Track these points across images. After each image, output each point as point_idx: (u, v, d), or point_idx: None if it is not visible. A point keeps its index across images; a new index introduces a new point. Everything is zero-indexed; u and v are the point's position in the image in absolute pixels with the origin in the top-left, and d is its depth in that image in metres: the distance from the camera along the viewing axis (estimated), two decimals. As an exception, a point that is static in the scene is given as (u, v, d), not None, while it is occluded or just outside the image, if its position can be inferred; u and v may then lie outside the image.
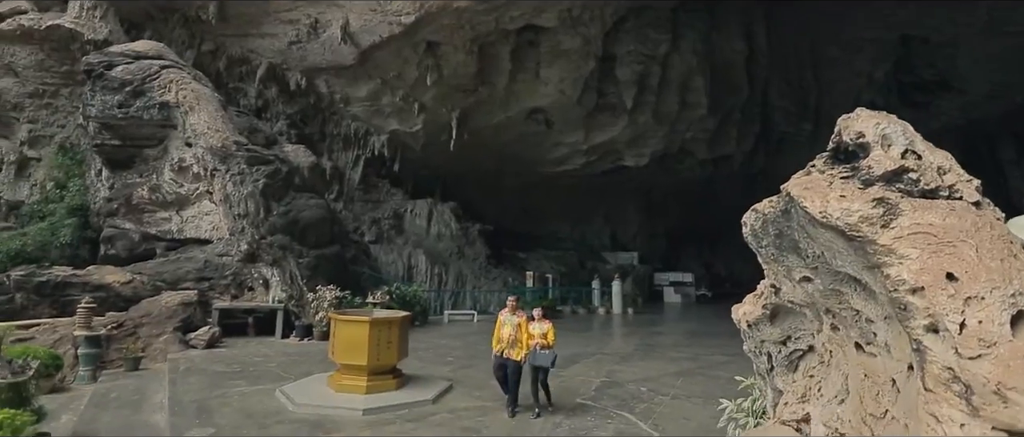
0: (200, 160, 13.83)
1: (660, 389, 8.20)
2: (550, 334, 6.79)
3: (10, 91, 19.49)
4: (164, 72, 15.22)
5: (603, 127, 24.39)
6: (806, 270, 3.10)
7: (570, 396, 7.70)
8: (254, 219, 12.76)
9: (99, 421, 6.41)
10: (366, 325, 7.21)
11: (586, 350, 11.74)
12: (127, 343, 9.25)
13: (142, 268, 12.37)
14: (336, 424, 6.18)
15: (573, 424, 6.43)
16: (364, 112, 22.80)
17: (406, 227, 21.72)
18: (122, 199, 14.42)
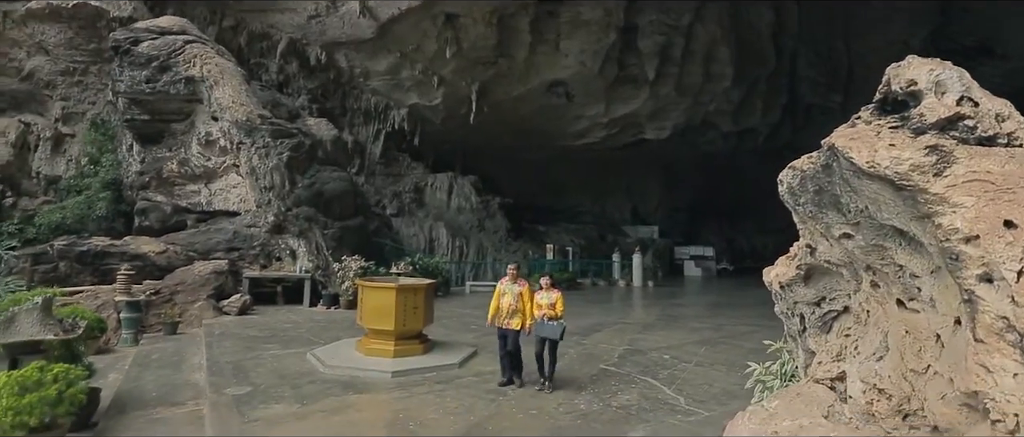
0: (226, 134, 14.04)
1: (683, 356, 8.22)
2: (559, 304, 6.34)
3: (42, 69, 19.90)
4: (188, 47, 15.37)
5: (624, 99, 23.98)
6: (847, 226, 3.04)
7: (593, 362, 7.78)
8: (280, 191, 12.98)
9: (143, 379, 6.72)
10: (393, 291, 7.34)
11: (608, 319, 11.80)
12: (165, 309, 9.61)
13: (175, 239, 12.75)
14: (366, 385, 6.37)
15: (597, 389, 6.51)
16: (384, 86, 22.78)
17: (427, 200, 21.87)
18: (153, 173, 14.79)
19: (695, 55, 22.34)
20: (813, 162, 3.23)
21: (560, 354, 6.79)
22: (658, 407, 5.87)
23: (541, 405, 5.84)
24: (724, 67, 22.71)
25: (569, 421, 5.35)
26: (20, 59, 19.67)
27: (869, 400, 2.93)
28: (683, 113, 24.55)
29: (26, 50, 19.66)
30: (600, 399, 6.09)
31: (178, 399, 6.02)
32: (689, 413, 5.72)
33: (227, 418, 5.15)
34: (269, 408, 5.46)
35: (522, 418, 5.42)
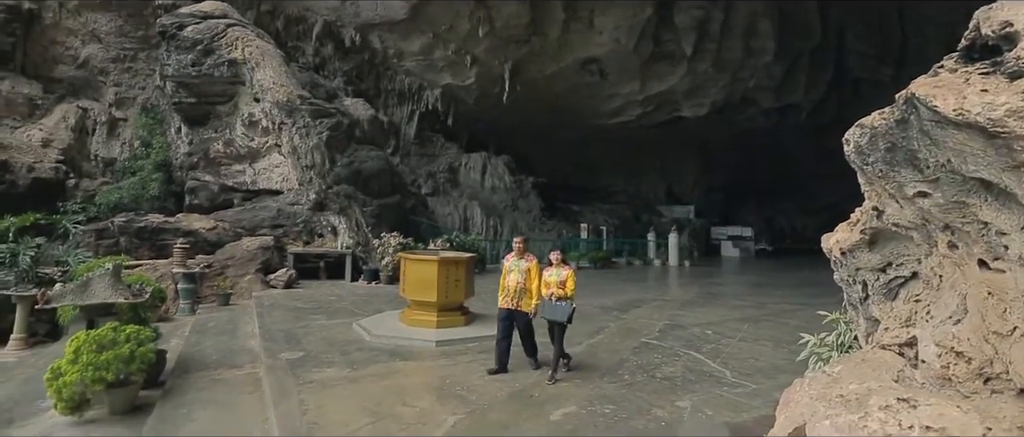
0: (268, 114, 14.42)
1: (726, 332, 8.09)
2: (569, 282, 5.72)
3: (96, 56, 20.78)
4: (230, 30, 15.78)
5: (660, 76, 23.39)
6: (923, 184, 2.89)
7: (634, 336, 7.74)
8: (320, 170, 13.29)
9: (202, 344, 7.07)
10: (435, 264, 7.45)
11: (646, 296, 11.70)
12: (217, 281, 10.04)
13: (223, 216, 13.26)
14: (411, 353, 6.52)
15: (640, 360, 6.49)
16: (417, 66, 22.87)
17: (461, 180, 22.01)
18: (201, 153, 15.36)
19: (734, 29, 21.54)
20: (885, 118, 3.08)
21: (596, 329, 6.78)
22: (703, 379, 5.82)
23: (586, 374, 5.87)
24: (765, 41, 21.83)
25: (614, 390, 5.36)
26: (76, 47, 20.58)
27: (945, 364, 2.81)
28: (721, 90, 23.80)
29: (81, 39, 20.54)
30: (643, 371, 6.07)
31: (236, 362, 6.32)
32: (736, 385, 5.64)
33: (283, 379, 5.38)
34: (322, 371, 5.66)
35: (566, 385, 5.46)
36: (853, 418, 2.58)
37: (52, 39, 20.32)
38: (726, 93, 23.86)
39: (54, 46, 20.37)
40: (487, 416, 4.61)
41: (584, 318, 9.05)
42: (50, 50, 20.39)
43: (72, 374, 4.55)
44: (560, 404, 4.92)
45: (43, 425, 4.71)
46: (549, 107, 24.78)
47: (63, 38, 20.39)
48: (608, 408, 4.86)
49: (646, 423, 4.57)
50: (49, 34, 20.27)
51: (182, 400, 5.11)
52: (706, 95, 24.02)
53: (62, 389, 4.56)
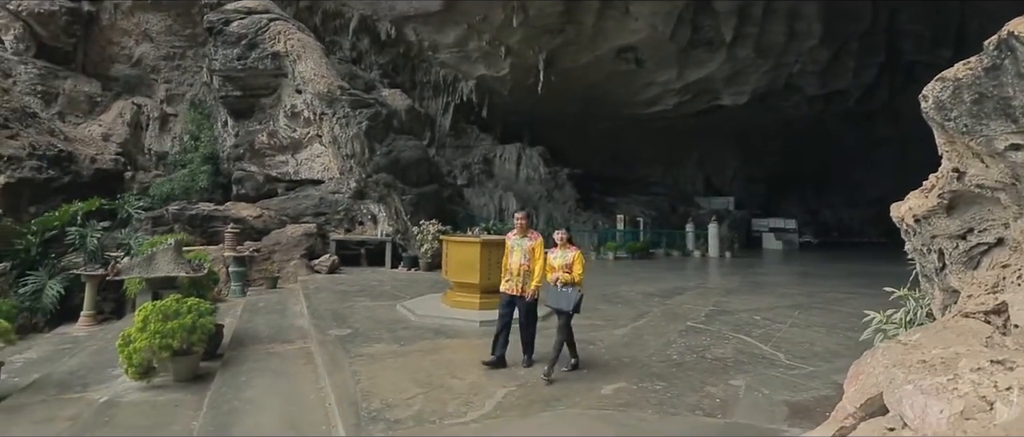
0: (309, 105, 14.77)
1: (776, 318, 7.83)
2: (577, 265, 5.04)
3: (148, 55, 21.75)
4: (272, 25, 16.22)
5: (698, 64, 22.80)
6: (1017, 135, 2.70)
7: (680, 320, 7.58)
8: (360, 159, 13.54)
9: (255, 321, 7.31)
10: (478, 246, 7.48)
11: (687, 285, 11.46)
12: (265, 266, 10.38)
13: (268, 204, 13.68)
14: (456, 332, 6.57)
15: (687, 342, 6.35)
16: (452, 58, 22.99)
17: (496, 171, 22.05)
18: (246, 145, 15.88)
19: (777, 13, 20.74)
20: (971, 68, 2.89)
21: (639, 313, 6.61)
22: (755, 361, 5.64)
23: (634, 353, 5.78)
24: (811, 24, 20.96)
25: (663, 369, 5.26)
26: (130, 47, 21.59)
27: (1042, 327, 2.62)
28: (763, 76, 23.01)
29: (134, 38, 21.53)
30: (692, 352, 5.93)
31: (288, 338, 6.51)
32: (791, 367, 5.44)
33: (335, 352, 5.50)
34: (371, 347, 5.77)
35: (614, 364, 5.39)
36: (941, 380, 2.43)
37: (109, 39, 21.38)
38: (768, 80, 23.06)
39: (110, 46, 21.43)
40: (537, 390, 4.59)
41: (626, 303, 8.95)
42: (107, 50, 21.47)
43: (141, 341, 4.77)
44: (610, 380, 4.86)
45: (116, 389, 4.96)
46: (584, 97, 24.53)
47: (118, 38, 21.42)
48: (659, 385, 4.78)
49: (699, 399, 4.46)
50: (106, 35, 21.33)
51: (240, 370, 5.30)
52: (747, 82, 23.27)
53: (132, 355, 4.78)
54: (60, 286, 7.89)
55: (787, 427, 3.99)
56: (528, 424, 3.88)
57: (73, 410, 4.53)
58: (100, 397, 4.80)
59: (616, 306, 8.65)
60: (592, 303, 8.88)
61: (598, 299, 9.29)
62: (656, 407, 4.25)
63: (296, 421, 4.11)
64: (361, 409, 4.01)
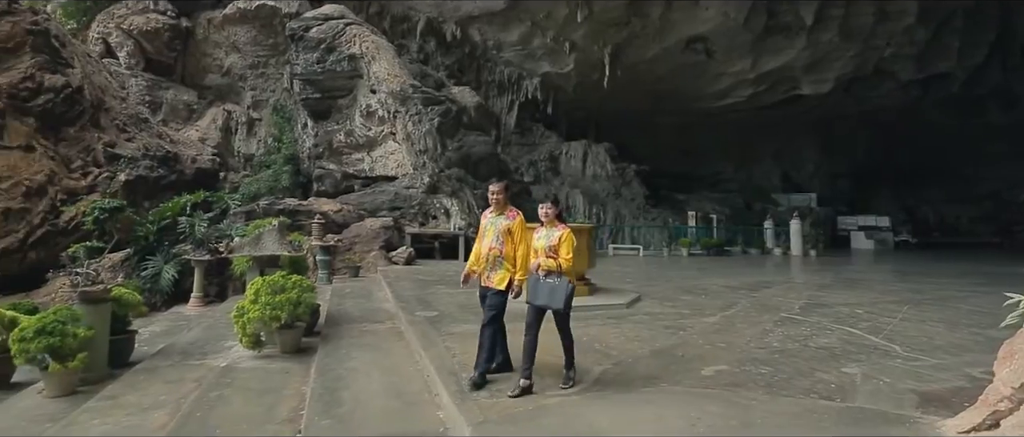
0: (383, 104, 15.36)
1: (881, 313, 7.20)
2: (565, 247, 3.92)
3: (236, 65, 23.50)
4: (348, 29, 17.04)
5: (775, 51, 21.60)
6: None
7: (772, 311, 7.16)
8: (433, 154, 13.90)
9: (344, 304, 7.66)
10: (557, 232, 7.42)
11: (773, 279, 10.84)
12: (347, 256, 10.88)
13: (347, 199, 14.35)
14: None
15: (785, 331, 5.97)
16: (516, 56, 23.16)
17: (562, 169, 21.96)
18: (325, 144, 16.76)
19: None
20: None
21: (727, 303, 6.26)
22: (867, 352, 5.20)
23: (730, 340, 5.51)
24: (905, 1, 19.27)
25: (764, 355, 4.96)
26: (220, 58, 23.42)
27: None
28: (849, 62, 21.44)
29: (224, 50, 23.32)
30: (793, 340, 5.57)
31: (377, 319, 6.75)
32: (912, 359, 4.97)
33: (426, 330, 5.63)
34: (458, 327, 5.85)
35: (710, 349, 5.16)
36: None
37: (203, 52, 23.30)
38: (855, 65, 21.47)
39: (204, 58, 23.35)
40: (635, 368, 4.48)
41: (710, 294, 8.57)
42: (201, 61, 23.41)
43: (254, 312, 5.10)
44: (709, 363, 4.66)
45: (231, 357, 5.34)
46: (651, 91, 23.92)
47: (211, 50, 23.28)
48: (764, 369, 4.51)
49: (812, 384, 4.17)
50: (201, 48, 23.27)
51: (339, 344, 5.54)
52: (830, 69, 21.78)
53: (246, 325, 5.13)
54: (174, 270, 8.66)
55: (919, 414, 3.63)
56: (632, 398, 3.78)
57: (197, 374, 4.92)
58: (219, 363, 5.18)
59: (700, 297, 8.31)
60: (673, 294, 8.61)
61: (679, 290, 8.98)
62: (765, 388, 4.02)
63: (399, 389, 4.23)
64: (461, 379, 4.07)
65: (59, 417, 3.98)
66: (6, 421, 4.01)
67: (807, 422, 3.41)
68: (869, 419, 3.50)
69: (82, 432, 3.64)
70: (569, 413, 3.49)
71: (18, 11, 12.74)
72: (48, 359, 4.44)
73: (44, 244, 10.04)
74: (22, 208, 10.05)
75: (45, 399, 4.45)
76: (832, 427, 3.33)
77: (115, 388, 4.59)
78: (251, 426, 3.75)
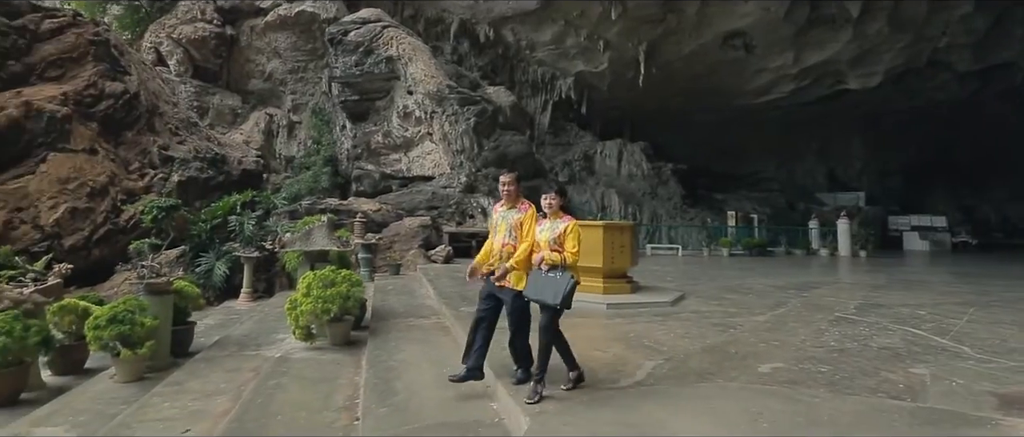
0: (420, 105, 15.57)
1: (946, 315, 6.84)
2: (569, 240, 3.67)
3: (277, 70, 24.27)
4: (385, 31, 17.37)
5: (818, 45, 20.88)
6: None
7: (824, 311, 6.89)
8: (469, 154, 14.00)
9: (388, 301, 7.78)
10: (600, 229, 7.34)
11: (822, 280, 10.45)
12: (388, 254, 11.07)
13: (386, 199, 14.61)
14: (584, 313, 6.47)
15: (842, 331, 5.73)
16: (549, 56, 23.13)
17: (596, 168, 21.78)
18: (363, 145, 17.11)
19: (919, -22, 18.41)
20: None
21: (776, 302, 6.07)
22: (935, 352, 4.94)
23: (783, 338, 5.33)
24: (962, -11, 18.32)
25: (822, 354, 4.77)
26: (262, 63, 24.23)
27: None
28: (900, 54, 20.52)
29: (266, 55, 24.11)
30: (852, 340, 5.34)
31: (422, 314, 6.83)
32: (985, 361, 4.69)
33: (471, 325, 5.65)
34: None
35: (763, 346, 5.00)
36: None
37: (246, 58, 24.16)
38: (906, 57, 20.53)
39: (248, 64, 24.20)
40: (687, 364, 4.38)
41: (757, 294, 8.32)
42: (245, 67, 24.27)
43: (306, 305, 5.24)
44: (764, 360, 4.52)
45: (284, 348, 5.50)
46: (687, 89, 23.48)
47: (253, 56, 24.11)
48: (824, 368, 4.34)
49: (877, 383, 3.98)
50: (244, 54, 24.12)
51: (387, 337, 5.63)
52: (878, 62, 20.88)
53: (299, 317, 5.27)
54: (226, 266, 8.99)
55: (1000, 416, 3.42)
56: (687, 392, 3.70)
57: (253, 364, 5.09)
58: (273, 354, 5.34)
59: (746, 296, 8.08)
60: (718, 292, 8.40)
61: (723, 289, 8.76)
62: (827, 387, 3.86)
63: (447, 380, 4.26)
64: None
65: (132, 400, 4.18)
66: (84, 403, 4.24)
67: (878, 421, 3.26)
68: (946, 420, 3.32)
69: (156, 415, 3.81)
70: (625, 405, 3.44)
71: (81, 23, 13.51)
72: (119, 346, 4.67)
73: (106, 241, 10.59)
74: (87, 207, 10.62)
75: (116, 384, 4.68)
76: (906, 427, 3.17)
77: (179, 375, 4.79)
78: (309, 413, 3.84)
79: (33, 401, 4.39)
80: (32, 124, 10.79)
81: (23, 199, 9.93)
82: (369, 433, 3.34)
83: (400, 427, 3.41)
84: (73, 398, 4.39)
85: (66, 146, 11.21)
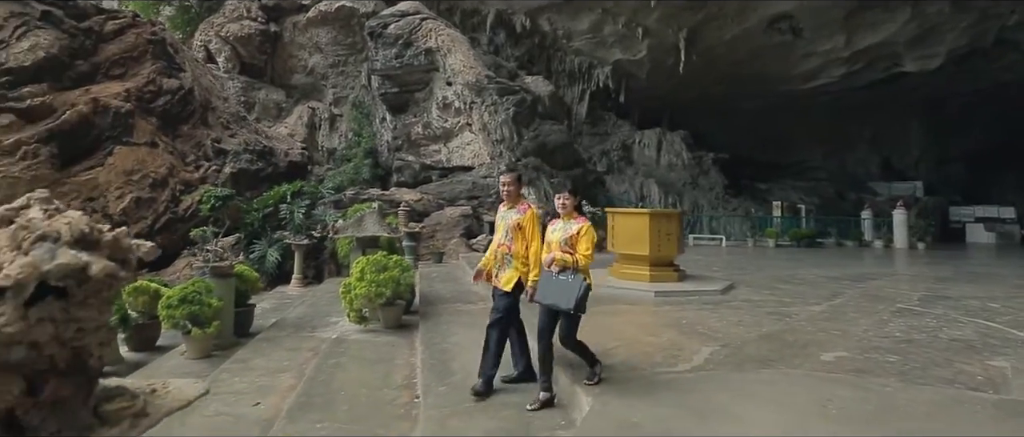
0: (459, 96, 15.67)
1: (1021, 307, 6.43)
2: (583, 242, 3.45)
3: (319, 64, 24.87)
4: (424, 24, 17.51)
5: (873, 26, 19.79)
6: None
7: (885, 302, 6.59)
8: (509, 143, 14.02)
9: (434, 287, 7.91)
10: (646, 217, 7.26)
11: (879, 271, 10.00)
12: (430, 243, 11.22)
13: (427, 189, 14.81)
14: (632, 301, 6.42)
15: (907, 322, 5.47)
16: (586, 45, 22.80)
17: (635, 158, 21.43)
18: (404, 137, 17.37)
19: (986, -48, 17.19)
20: None
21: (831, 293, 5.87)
22: (1015, 345, 4.66)
23: (844, 328, 5.14)
24: (1036, -39, 17.00)
25: (888, 344, 4.58)
26: (305, 58, 24.87)
27: None
28: (963, 33, 19.23)
29: (308, 51, 24.73)
30: (919, 331, 5.10)
31: (469, 299, 6.91)
32: (1072, 354, 4.39)
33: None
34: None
35: (823, 336, 4.83)
36: None
37: (289, 54, 24.85)
38: (970, 37, 19.24)
39: (291, 59, 24.89)
40: (743, 350, 4.28)
41: (809, 284, 8.03)
42: (288, 63, 24.97)
43: (360, 289, 5.39)
44: (826, 349, 4.37)
45: (339, 330, 5.68)
46: (729, 76, 22.73)
47: (296, 52, 24.77)
48: (892, 358, 4.17)
49: (953, 374, 3.80)
50: (287, 50, 24.82)
51: (439, 321, 5.73)
52: (939, 42, 19.65)
53: (353, 300, 5.42)
54: (277, 253, 9.35)
55: (1096, 412, 3.20)
56: (749, 378, 3.62)
57: (311, 344, 5.28)
58: (329, 335, 5.53)
59: (799, 286, 7.82)
60: (768, 282, 8.17)
61: (773, 280, 8.51)
62: (898, 376, 3.71)
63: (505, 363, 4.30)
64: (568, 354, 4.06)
65: (203, 375, 4.41)
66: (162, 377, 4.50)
67: (958, 412, 3.11)
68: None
69: (227, 388, 4.02)
70: (684, 389, 3.40)
71: (140, 24, 14.23)
72: (189, 325, 4.93)
73: (167, 229, 11.17)
74: (150, 197, 11.23)
75: (187, 360, 4.95)
76: (990, 420, 3.01)
77: (243, 353, 5.02)
78: (370, 390, 3.96)
79: (115, 373, 4.70)
80: (99, 119, 11.45)
81: (94, 189, 10.58)
82: (432, 409, 3.42)
83: (460, 404, 3.48)
84: (151, 372, 4.68)
85: (130, 140, 11.84)
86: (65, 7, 12.52)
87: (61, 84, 11.60)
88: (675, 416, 2.94)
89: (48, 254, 0.92)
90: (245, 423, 3.51)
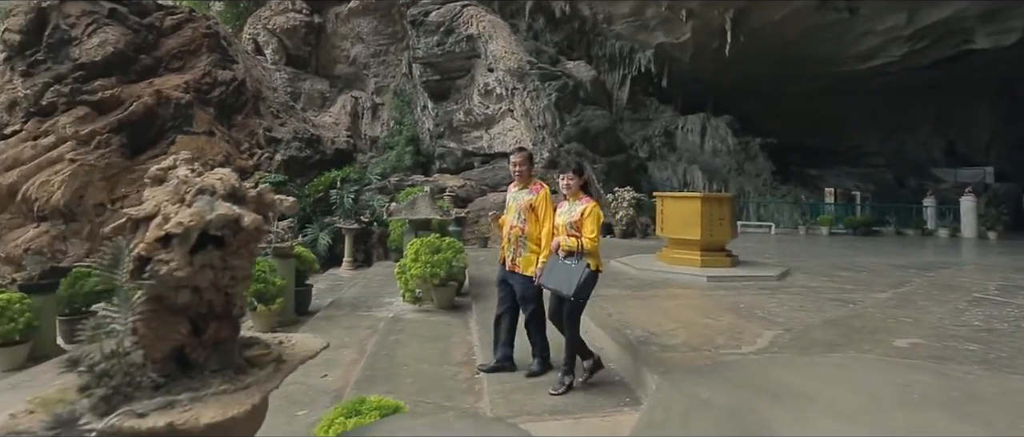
0: (501, 82, 15.65)
1: (1113, 297, 5.96)
2: (589, 223, 3.37)
3: (361, 54, 25.32)
4: (464, 10, 17.52)
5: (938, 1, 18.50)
6: None
7: (958, 291, 6.24)
8: (551, 129, 13.93)
9: (482, 270, 8.00)
10: (698, 201, 7.10)
11: (946, 260, 9.45)
12: (475, 228, 11.32)
13: (469, 175, 14.93)
14: (685, 285, 6.32)
15: (985, 311, 5.18)
16: (627, 29, 22.30)
17: (678, 144, 20.92)
18: (445, 124, 17.53)
19: (1074, -86, 15.74)
20: None
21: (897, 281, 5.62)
22: (1109, 336, 4.33)
23: (915, 316, 4.91)
24: None
25: (965, 332, 4.35)
26: (347, 48, 25.36)
27: None
28: (1044, 5, 17.75)
29: (350, 41, 25.20)
30: (1001, 321, 4.82)
31: (517, 282, 6.95)
32: None
33: (571, 293, 5.69)
34: (606, 290, 5.82)
35: (893, 322, 4.62)
36: None
37: (333, 44, 25.40)
38: (1051, 9, 17.74)
39: (334, 50, 25.44)
40: (808, 335, 4.16)
41: (872, 272, 7.69)
42: (331, 53, 25.54)
43: (415, 269, 5.51)
44: (898, 335, 4.19)
45: (395, 310, 5.85)
46: (779, 58, 21.76)
47: (339, 42, 25.28)
48: (972, 346, 3.96)
49: (1044, 366, 3.56)
50: (330, 40, 25.38)
51: (490, 303, 5.78)
52: (1015, 16, 18.22)
53: (409, 281, 5.56)
54: (329, 237, 9.66)
55: None
56: (818, 361, 3.51)
57: (368, 322, 5.45)
58: (385, 314, 5.70)
59: (859, 274, 7.50)
60: (826, 269, 7.87)
61: (831, 267, 8.18)
62: (982, 365, 3.52)
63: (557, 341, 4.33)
64: (627, 334, 4.06)
65: (272, 348, 4.63)
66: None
67: (1053, 401, 2.93)
68: None
69: (297, 360, 4.19)
70: (750, 370, 3.33)
71: (196, 18, 14.86)
72: (255, 302, 5.17)
73: (225, 214, 11.78)
74: (208, 184, 11.85)
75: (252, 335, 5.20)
76: (1090, 409, 2.82)
77: (305, 330, 5.23)
78: (431, 365, 4.07)
79: (191, 346, 4.99)
80: (162, 110, 12.07)
81: (159, 176, 11.16)
82: (495, 384, 3.49)
83: (520, 381, 3.53)
84: (223, 345, 4.94)
85: (190, 129, 12.44)
86: (129, 4, 13.20)
87: (128, 77, 12.28)
88: (746, 395, 2.89)
89: (208, 205, 0.99)
90: (315, 392, 3.68)
